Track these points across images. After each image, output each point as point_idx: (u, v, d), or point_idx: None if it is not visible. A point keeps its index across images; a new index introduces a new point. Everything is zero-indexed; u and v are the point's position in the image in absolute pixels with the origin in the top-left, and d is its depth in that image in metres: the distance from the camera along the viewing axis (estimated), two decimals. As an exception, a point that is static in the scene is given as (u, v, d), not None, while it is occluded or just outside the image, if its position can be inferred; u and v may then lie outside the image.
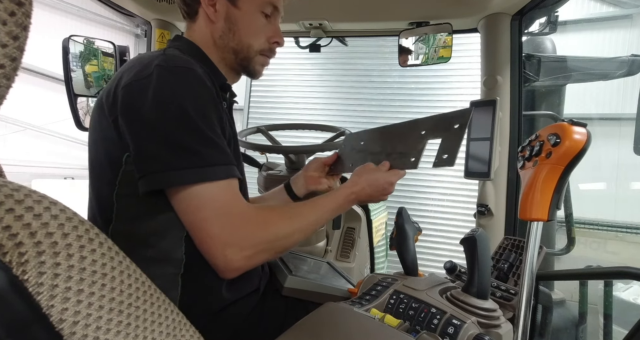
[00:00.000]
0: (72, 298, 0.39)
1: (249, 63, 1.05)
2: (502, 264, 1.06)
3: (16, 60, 0.33)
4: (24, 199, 0.37)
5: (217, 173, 0.79)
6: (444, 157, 0.96)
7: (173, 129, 0.77)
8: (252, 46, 1.03)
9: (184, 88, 0.80)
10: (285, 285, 1.06)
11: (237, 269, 0.81)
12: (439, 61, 1.64)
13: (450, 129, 0.98)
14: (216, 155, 0.80)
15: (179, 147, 0.77)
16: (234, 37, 1.01)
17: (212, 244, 0.79)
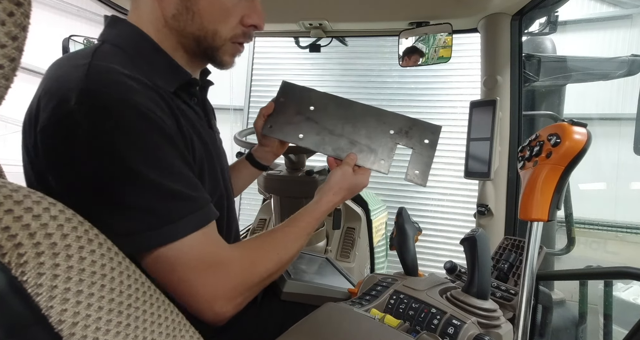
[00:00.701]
0: (72, 299, 0.39)
1: (216, 53, 0.83)
2: (502, 264, 1.06)
3: (15, 60, 0.33)
4: (23, 199, 0.37)
5: (181, 229, 0.65)
6: (416, 172, 0.98)
7: (115, 188, 0.61)
8: (219, 33, 0.80)
9: (119, 133, 0.61)
10: (285, 290, 1.06)
11: (228, 318, 0.73)
12: (439, 61, 1.64)
13: (422, 142, 0.98)
14: (178, 208, 0.65)
15: (127, 208, 0.61)
16: (194, 20, 0.78)
17: (195, 303, 0.68)
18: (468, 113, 1.51)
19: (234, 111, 5.03)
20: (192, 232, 0.66)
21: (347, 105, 1.03)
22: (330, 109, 1.02)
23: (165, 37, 0.79)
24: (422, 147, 0.98)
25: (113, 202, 0.61)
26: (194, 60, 0.85)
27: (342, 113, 1.02)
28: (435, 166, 3.86)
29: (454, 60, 1.72)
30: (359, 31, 1.84)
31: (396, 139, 0.99)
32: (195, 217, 0.67)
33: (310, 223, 0.89)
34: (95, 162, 0.60)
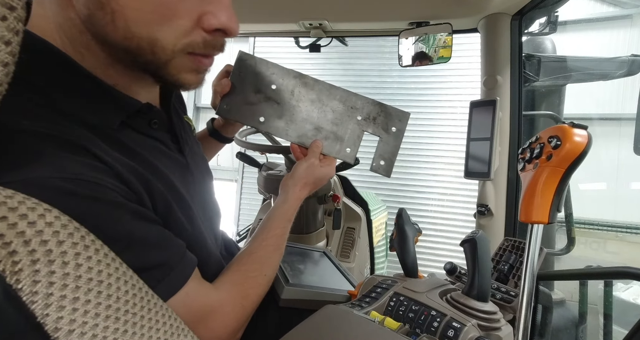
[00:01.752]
0: (68, 306, 0.38)
1: (162, 71, 0.57)
2: (502, 266, 1.06)
3: (8, 65, 0.33)
4: (18, 206, 0.37)
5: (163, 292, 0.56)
6: (381, 163, 0.94)
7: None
8: (160, 42, 0.54)
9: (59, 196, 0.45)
10: (283, 297, 1.05)
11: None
12: (439, 61, 1.64)
13: (389, 130, 0.95)
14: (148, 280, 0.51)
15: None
16: (115, 23, 0.51)
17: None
18: (468, 113, 1.51)
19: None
20: (172, 295, 0.59)
21: (313, 85, 0.93)
22: (294, 88, 0.92)
23: (87, 47, 0.54)
24: (389, 136, 0.95)
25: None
26: (141, 79, 0.60)
27: (308, 94, 0.92)
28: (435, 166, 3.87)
29: (454, 60, 1.72)
30: (359, 31, 1.83)
31: (363, 126, 0.95)
32: (170, 281, 0.58)
33: (286, 227, 0.88)
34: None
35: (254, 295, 0.76)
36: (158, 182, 0.61)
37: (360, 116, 0.95)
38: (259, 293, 0.77)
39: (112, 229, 0.50)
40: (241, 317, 0.72)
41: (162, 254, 0.57)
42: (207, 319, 0.66)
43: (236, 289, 0.73)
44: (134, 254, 0.52)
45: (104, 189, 0.50)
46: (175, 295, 0.60)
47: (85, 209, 0.47)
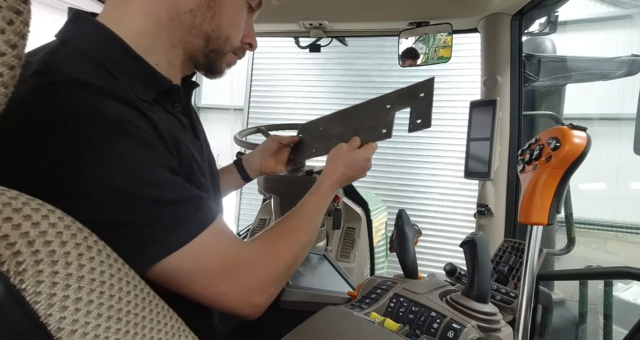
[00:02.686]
0: (70, 306, 0.38)
1: (218, 59, 0.82)
2: (502, 267, 1.06)
3: (14, 68, 0.33)
4: (22, 207, 0.37)
5: (186, 233, 0.61)
6: (418, 121, 0.98)
7: (102, 209, 0.55)
8: (231, 40, 0.80)
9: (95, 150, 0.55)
10: (283, 299, 1.05)
11: (265, 308, 0.72)
12: (439, 61, 1.64)
13: (416, 98, 0.99)
14: (176, 213, 0.61)
15: (121, 226, 0.56)
16: (212, 19, 0.75)
17: (227, 303, 0.67)
18: (468, 113, 1.51)
19: (234, 111, 5.03)
20: (200, 232, 0.62)
21: (346, 110, 1.11)
22: (333, 121, 1.13)
23: (166, 31, 0.72)
24: (419, 100, 0.99)
25: (102, 223, 0.52)
26: (188, 62, 0.80)
27: (343, 118, 1.10)
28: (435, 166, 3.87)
29: (454, 60, 1.72)
30: (359, 31, 1.84)
31: (393, 109, 1.01)
32: (198, 217, 0.63)
33: (319, 201, 0.91)
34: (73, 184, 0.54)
35: (285, 253, 0.76)
36: (185, 150, 0.71)
37: (389, 105, 1.02)
38: (290, 253, 0.77)
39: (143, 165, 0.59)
40: (272, 272, 0.72)
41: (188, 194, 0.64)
42: (239, 268, 0.67)
43: (266, 245, 0.76)
44: (161, 189, 0.60)
45: (142, 132, 0.60)
46: (206, 231, 0.63)
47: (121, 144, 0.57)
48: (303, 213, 0.87)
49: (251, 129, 1.91)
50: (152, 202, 0.58)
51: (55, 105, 0.55)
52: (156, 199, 0.59)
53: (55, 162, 0.53)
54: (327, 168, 0.97)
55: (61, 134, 0.54)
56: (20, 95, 0.47)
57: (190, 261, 0.61)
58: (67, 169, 0.54)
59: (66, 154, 0.54)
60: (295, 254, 0.79)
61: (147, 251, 0.58)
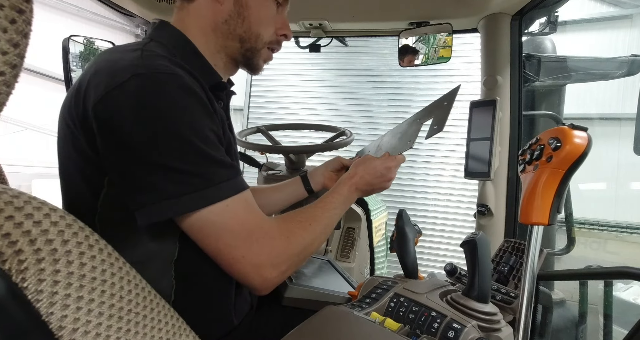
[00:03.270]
0: (72, 305, 0.38)
1: (254, 55, 0.94)
2: (502, 267, 1.06)
3: (16, 67, 0.33)
4: (24, 205, 0.37)
5: (223, 191, 0.70)
6: (435, 127, 1.04)
7: (164, 151, 0.66)
8: (262, 36, 0.91)
9: (170, 101, 0.68)
10: (286, 295, 1.06)
11: (274, 286, 0.78)
12: (439, 61, 1.64)
13: (441, 106, 1.06)
14: (219, 172, 0.70)
15: (174, 171, 0.66)
16: (243, 23, 0.88)
17: (243, 268, 0.73)
18: (468, 113, 1.51)
19: (234, 111, 5.03)
20: (234, 195, 0.71)
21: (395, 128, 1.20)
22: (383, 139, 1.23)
23: (211, 39, 0.88)
24: (443, 108, 1.05)
25: (162, 166, 0.66)
26: (230, 64, 0.94)
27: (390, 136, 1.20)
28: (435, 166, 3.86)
29: (454, 60, 1.72)
30: (359, 31, 1.84)
31: (422, 121, 1.09)
32: (235, 183, 0.72)
33: (335, 198, 0.96)
34: (146, 124, 0.65)
35: (299, 236, 0.80)
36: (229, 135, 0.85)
37: (419, 118, 1.10)
38: (304, 237, 0.81)
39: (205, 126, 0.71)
40: (286, 250, 0.77)
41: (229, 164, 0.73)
42: (259, 236, 0.73)
43: (283, 223, 0.81)
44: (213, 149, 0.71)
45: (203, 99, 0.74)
46: (238, 196, 0.72)
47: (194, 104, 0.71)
48: (319, 205, 0.92)
49: (251, 129, 1.91)
50: (204, 156, 0.69)
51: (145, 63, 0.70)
52: (207, 155, 0.69)
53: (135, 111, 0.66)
54: (347, 172, 1.04)
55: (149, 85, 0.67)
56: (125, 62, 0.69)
57: (220, 218, 0.69)
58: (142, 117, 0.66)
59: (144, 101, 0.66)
60: (309, 240, 0.82)
61: (185, 198, 0.66)
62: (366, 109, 4.32)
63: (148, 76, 0.68)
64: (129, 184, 0.68)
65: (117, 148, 0.67)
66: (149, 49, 0.75)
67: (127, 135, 0.65)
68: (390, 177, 1.04)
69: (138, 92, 0.66)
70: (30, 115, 4.25)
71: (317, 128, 2.01)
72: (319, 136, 1.93)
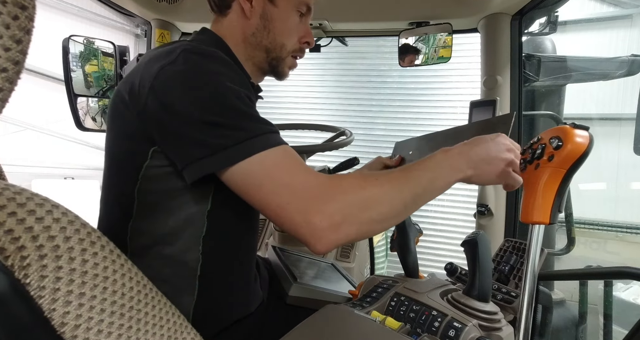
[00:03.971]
0: (74, 301, 0.39)
1: (279, 64, 1.01)
2: (502, 266, 1.06)
3: (19, 63, 0.33)
4: (26, 202, 0.37)
5: (265, 142, 0.71)
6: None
7: (210, 109, 0.71)
8: (286, 46, 0.99)
9: (214, 69, 0.76)
10: (290, 294, 1.06)
11: (328, 240, 0.67)
12: (439, 61, 1.64)
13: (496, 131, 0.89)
14: (259, 126, 0.73)
15: (219, 126, 0.70)
16: (269, 35, 0.96)
17: (288, 215, 0.68)
18: (468, 113, 1.51)
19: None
20: (274, 146, 0.72)
21: (433, 135, 1.16)
22: (422, 145, 1.19)
23: (241, 49, 0.97)
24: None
25: (207, 123, 0.70)
26: (258, 72, 1.03)
27: (432, 144, 1.14)
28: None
29: (454, 60, 1.72)
30: (359, 31, 1.84)
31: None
32: (273, 137, 0.73)
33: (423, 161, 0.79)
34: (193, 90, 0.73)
35: (357, 185, 0.71)
36: None
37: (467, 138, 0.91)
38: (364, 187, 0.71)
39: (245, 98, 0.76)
40: (336, 197, 0.68)
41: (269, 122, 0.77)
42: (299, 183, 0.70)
43: (337, 176, 0.74)
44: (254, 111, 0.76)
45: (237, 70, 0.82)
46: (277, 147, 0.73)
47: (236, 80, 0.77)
48: (400, 167, 0.79)
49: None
50: (243, 113, 0.73)
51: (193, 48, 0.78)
52: (246, 113, 0.74)
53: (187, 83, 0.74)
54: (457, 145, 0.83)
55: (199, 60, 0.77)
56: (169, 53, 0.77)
57: (261, 167, 0.70)
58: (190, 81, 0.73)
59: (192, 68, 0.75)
60: (372, 195, 0.70)
61: (232, 151, 0.69)
62: (366, 109, 4.32)
63: (194, 51, 0.77)
64: (178, 144, 0.73)
65: (167, 113, 0.73)
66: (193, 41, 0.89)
67: (175, 99, 0.72)
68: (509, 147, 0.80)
69: (185, 62, 0.74)
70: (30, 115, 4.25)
71: (317, 128, 2.01)
72: (319, 136, 1.93)
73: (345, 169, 1.86)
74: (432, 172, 0.76)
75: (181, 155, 0.73)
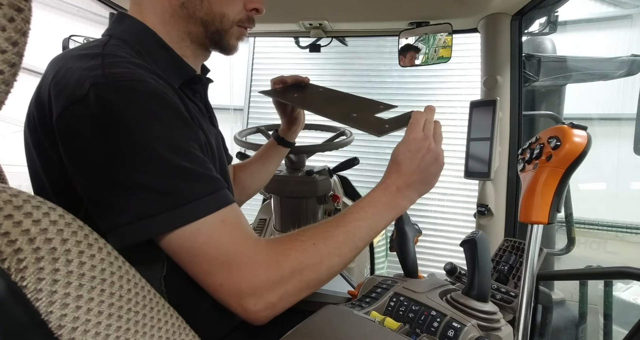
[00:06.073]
0: (71, 304, 0.38)
1: (223, 36, 0.84)
2: (502, 266, 1.06)
3: (15, 66, 0.33)
4: (23, 204, 0.37)
5: (200, 209, 0.62)
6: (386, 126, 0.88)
7: (131, 168, 0.59)
8: (227, 15, 0.82)
9: (135, 111, 0.61)
10: None
11: (264, 317, 0.66)
12: (439, 61, 1.64)
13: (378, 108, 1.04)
14: (195, 186, 0.62)
15: (143, 189, 0.59)
16: (202, 4, 0.79)
17: (223, 297, 0.64)
18: (468, 113, 1.51)
19: (234, 111, 5.02)
20: (210, 214, 0.62)
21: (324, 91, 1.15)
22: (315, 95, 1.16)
23: (172, 27, 0.81)
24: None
25: (126, 182, 0.59)
26: (199, 50, 0.87)
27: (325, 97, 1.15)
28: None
29: (454, 60, 1.72)
30: (359, 31, 1.84)
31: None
32: (215, 198, 0.64)
33: (359, 206, 0.75)
34: (110, 139, 0.59)
35: (294, 258, 0.66)
36: (202, 134, 0.74)
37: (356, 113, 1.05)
38: (302, 258, 0.67)
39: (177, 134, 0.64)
40: (272, 276, 0.64)
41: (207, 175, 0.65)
42: (234, 265, 0.63)
43: (275, 246, 0.68)
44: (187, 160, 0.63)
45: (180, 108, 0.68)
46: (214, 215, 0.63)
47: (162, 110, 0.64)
48: (336, 219, 0.74)
49: (251, 129, 1.91)
50: (175, 170, 0.61)
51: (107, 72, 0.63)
52: (180, 166, 0.62)
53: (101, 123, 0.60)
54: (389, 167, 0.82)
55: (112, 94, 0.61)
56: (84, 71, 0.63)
57: (191, 242, 0.61)
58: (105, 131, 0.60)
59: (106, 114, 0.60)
60: (310, 263, 0.67)
61: (155, 219, 0.59)
62: (366, 109, 4.31)
63: (109, 85, 0.61)
64: (97, 206, 0.62)
65: (83, 167, 0.61)
66: (109, 52, 0.69)
67: (91, 152, 0.60)
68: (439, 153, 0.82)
69: (99, 104, 0.59)
70: (30, 116, 4.24)
71: (317, 128, 2.01)
72: (319, 136, 1.93)
73: (345, 169, 1.86)
74: (371, 219, 0.74)
75: (101, 219, 0.61)
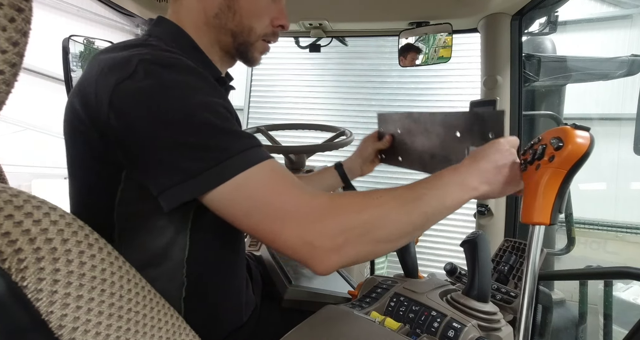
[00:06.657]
0: (72, 304, 0.38)
1: (248, 49, 0.90)
2: (502, 266, 1.06)
3: (16, 66, 0.33)
4: (24, 204, 0.37)
5: (247, 159, 0.63)
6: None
7: (180, 129, 0.63)
8: (255, 29, 0.87)
9: (179, 81, 0.67)
10: (286, 298, 1.05)
11: (331, 262, 0.63)
12: (439, 61, 1.64)
13: (487, 138, 0.86)
14: (239, 142, 0.65)
15: (192, 148, 0.62)
16: (234, 17, 0.85)
17: (284, 240, 0.63)
18: (468, 113, 1.50)
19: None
20: (258, 163, 0.64)
21: (418, 118, 1.07)
22: (409, 126, 1.10)
23: (204, 34, 0.87)
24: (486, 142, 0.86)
25: (180, 145, 0.62)
26: (226, 57, 0.92)
27: (417, 127, 1.07)
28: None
29: (454, 60, 1.72)
30: (359, 31, 1.84)
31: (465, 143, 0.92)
32: (255, 151, 0.65)
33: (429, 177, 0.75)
34: (159, 109, 0.64)
35: (354, 211, 0.65)
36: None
37: (459, 132, 0.93)
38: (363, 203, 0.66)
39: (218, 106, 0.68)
40: (330, 229, 0.62)
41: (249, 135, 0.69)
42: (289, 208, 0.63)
43: (336, 199, 0.66)
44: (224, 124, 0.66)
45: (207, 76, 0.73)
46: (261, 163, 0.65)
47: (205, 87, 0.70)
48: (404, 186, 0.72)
49: (251, 129, 1.91)
50: (218, 129, 0.65)
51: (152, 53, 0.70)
52: (222, 128, 0.65)
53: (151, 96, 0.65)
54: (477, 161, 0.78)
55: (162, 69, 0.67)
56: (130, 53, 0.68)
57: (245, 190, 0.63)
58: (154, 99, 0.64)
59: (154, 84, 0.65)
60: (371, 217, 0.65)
61: (210, 174, 0.62)
62: (366, 109, 4.32)
63: (154, 61, 0.67)
64: (150, 170, 0.65)
65: (136, 136, 0.64)
66: (150, 44, 0.76)
67: (142, 119, 0.64)
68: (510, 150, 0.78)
69: (147, 76, 0.65)
70: (30, 115, 4.25)
71: (317, 128, 2.01)
72: (319, 136, 1.93)
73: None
74: (441, 191, 0.72)
75: (153, 182, 0.65)
